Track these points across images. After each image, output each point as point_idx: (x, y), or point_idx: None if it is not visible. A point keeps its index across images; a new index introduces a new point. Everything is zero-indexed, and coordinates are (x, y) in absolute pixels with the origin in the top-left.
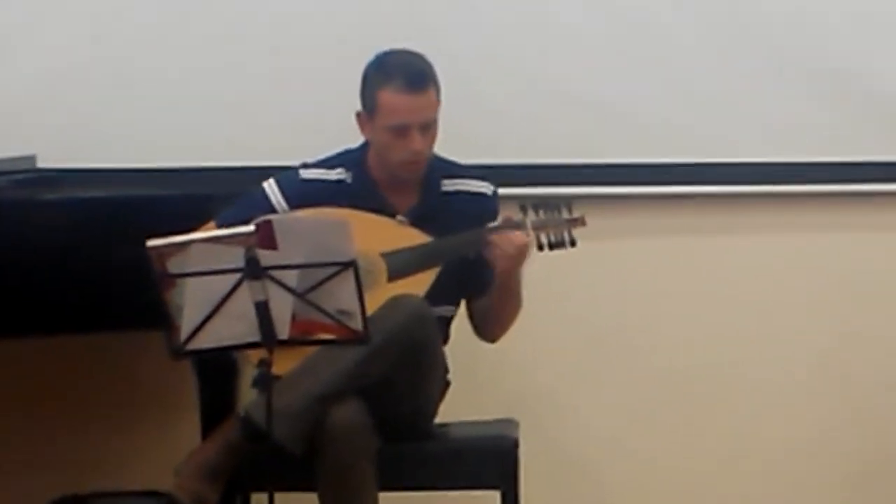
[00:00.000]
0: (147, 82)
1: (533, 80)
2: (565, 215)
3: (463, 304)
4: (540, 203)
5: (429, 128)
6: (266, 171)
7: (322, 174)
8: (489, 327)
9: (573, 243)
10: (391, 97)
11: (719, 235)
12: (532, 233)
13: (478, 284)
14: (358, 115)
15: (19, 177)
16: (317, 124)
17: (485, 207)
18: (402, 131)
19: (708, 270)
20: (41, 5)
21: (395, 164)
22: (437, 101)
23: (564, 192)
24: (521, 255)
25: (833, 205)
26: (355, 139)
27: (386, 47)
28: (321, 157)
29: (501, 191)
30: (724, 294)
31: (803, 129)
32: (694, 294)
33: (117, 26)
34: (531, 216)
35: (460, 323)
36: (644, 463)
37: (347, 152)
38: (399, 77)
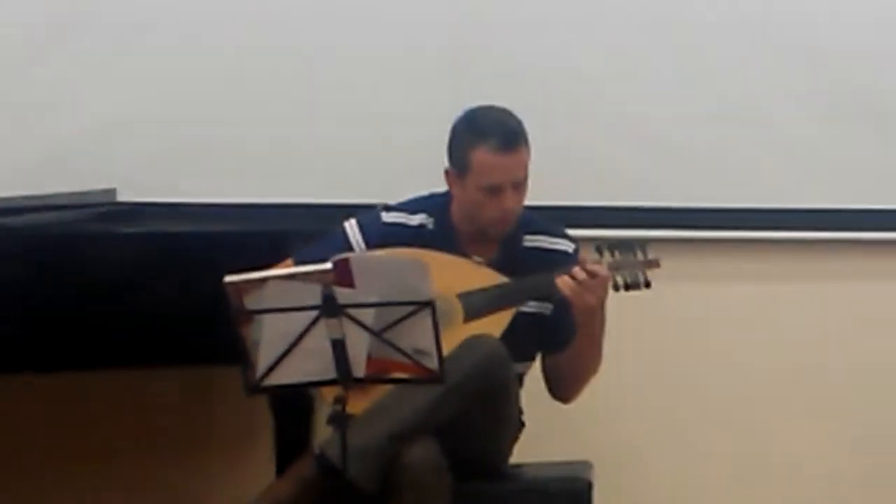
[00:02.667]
0: (228, 118)
1: (610, 123)
2: (640, 257)
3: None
4: (615, 244)
5: (521, 185)
6: (345, 210)
7: (404, 218)
8: (565, 385)
9: (648, 285)
10: (486, 157)
11: (795, 281)
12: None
13: (555, 340)
14: (447, 172)
15: (99, 210)
16: (399, 165)
17: (565, 264)
18: (495, 190)
19: (784, 316)
20: (122, 41)
21: (487, 222)
22: (529, 157)
23: (639, 235)
24: (596, 284)
25: None
26: (436, 182)
27: (464, 88)
28: (404, 199)
29: (577, 232)
30: (802, 341)
31: (885, 176)
32: (770, 340)
33: (198, 63)
34: (607, 257)
35: (535, 366)
36: None
37: (431, 197)
38: (494, 137)
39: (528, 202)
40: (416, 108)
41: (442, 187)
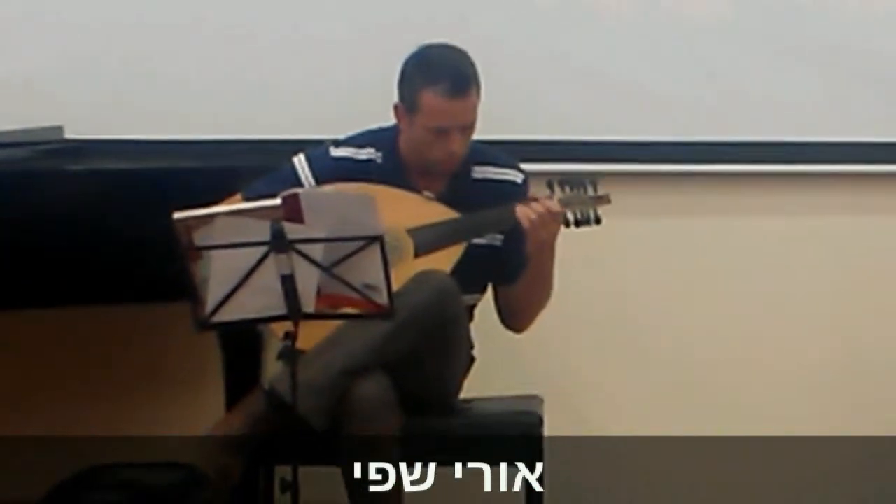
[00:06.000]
0: (176, 53)
1: (560, 60)
2: (591, 193)
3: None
4: (566, 180)
5: (469, 128)
6: (293, 145)
7: (352, 152)
8: (517, 315)
9: (598, 221)
10: (435, 100)
11: (746, 214)
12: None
13: (506, 272)
14: (395, 107)
15: (46, 147)
16: (347, 99)
17: (514, 195)
18: (442, 132)
19: (732, 248)
20: None
21: (432, 161)
22: (478, 100)
23: (590, 169)
24: (551, 219)
25: (859, 185)
26: (385, 115)
27: (412, 25)
28: (352, 133)
29: (528, 167)
30: (748, 272)
31: (827, 109)
32: (718, 272)
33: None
34: (558, 193)
35: (486, 299)
36: (667, 442)
37: (380, 131)
38: (444, 80)
39: (478, 136)
40: (364, 44)
41: (391, 121)
